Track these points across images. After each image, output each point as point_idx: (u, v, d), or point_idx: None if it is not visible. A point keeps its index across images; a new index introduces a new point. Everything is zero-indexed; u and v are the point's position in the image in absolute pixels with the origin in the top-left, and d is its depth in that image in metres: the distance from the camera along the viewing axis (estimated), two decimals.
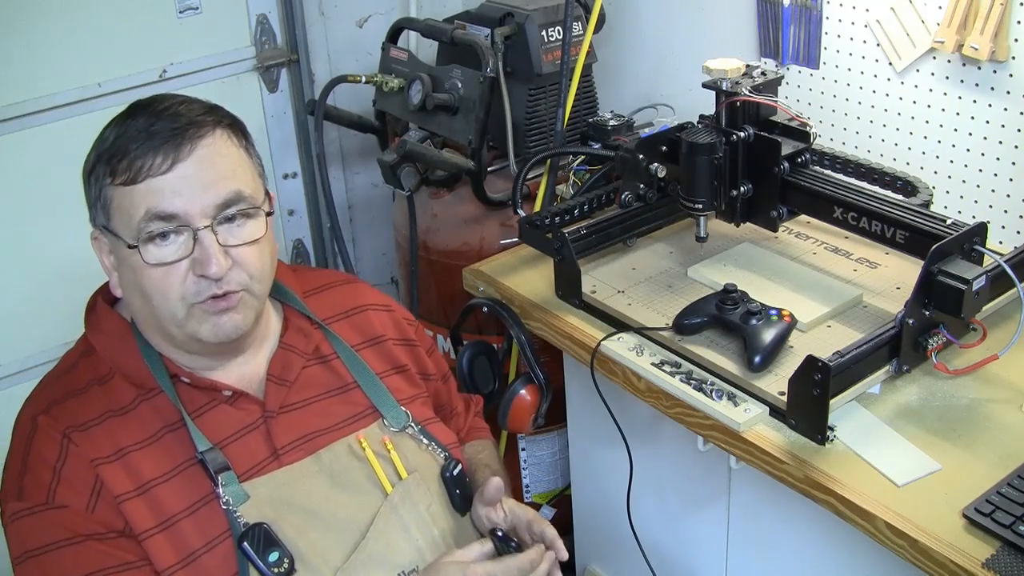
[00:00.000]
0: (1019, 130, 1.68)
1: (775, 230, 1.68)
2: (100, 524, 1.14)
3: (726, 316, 1.46)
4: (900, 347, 1.37)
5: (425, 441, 1.35)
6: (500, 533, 1.24)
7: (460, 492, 1.34)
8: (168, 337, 1.22)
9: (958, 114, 1.76)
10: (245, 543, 1.16)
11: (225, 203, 1.17)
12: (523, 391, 1.78)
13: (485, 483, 1.31)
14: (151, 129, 1.15)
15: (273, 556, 1.17)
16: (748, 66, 1.65)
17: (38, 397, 1.24)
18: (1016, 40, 1.64)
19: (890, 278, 1.62)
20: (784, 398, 1.34)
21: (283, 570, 1.17)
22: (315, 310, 1.37)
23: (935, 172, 1.82)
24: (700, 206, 1.63)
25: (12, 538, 1.16)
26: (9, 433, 1.23)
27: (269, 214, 1.24)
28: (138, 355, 1.23)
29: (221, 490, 1.18)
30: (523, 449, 2.22)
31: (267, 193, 1.26)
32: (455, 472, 1.34)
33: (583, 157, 2.02)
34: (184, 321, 1.18)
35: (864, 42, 1.87)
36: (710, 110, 1.66)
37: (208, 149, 1.17)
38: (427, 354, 1.49)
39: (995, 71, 1.68)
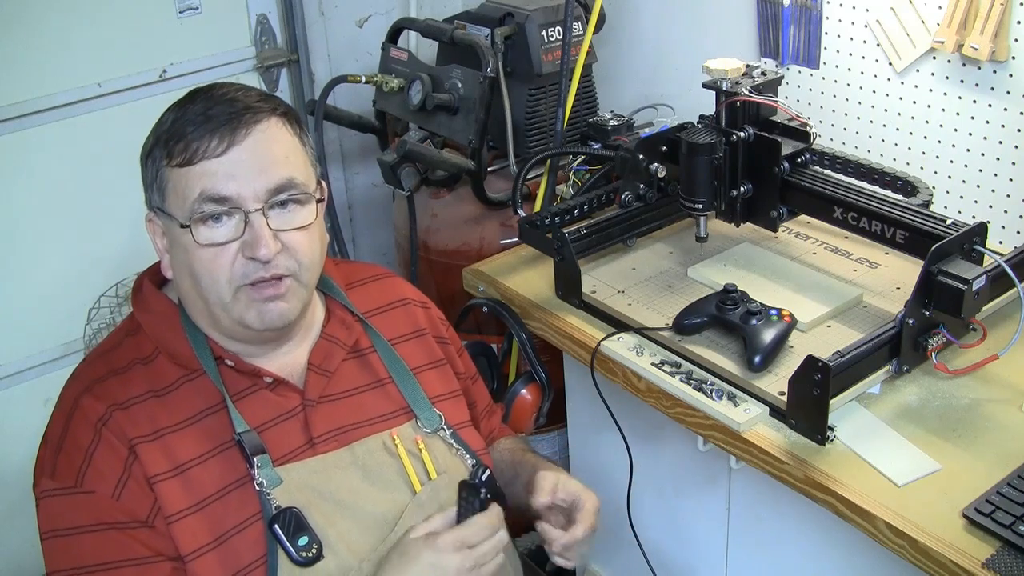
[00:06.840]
0: (1019, 130, 1.68)
1: (775, 230, 1.68)
2: (123, 513, 1.16)
3: (726, 316, 1.46)
4: (900, 347, 1.37)
5: (455, 446, 1.36)
6: (475, 481, 1.22)
7: (490, 497, 1.33)
8: (215, 322, 1.24)
9: (958, 114, 1.76)
10: (276, 525, 1.18)
11: (277, 188, 1.19)
12: (524, 391, 1.78)
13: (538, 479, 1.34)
14: (208, 113, 1.18)
15: (303, 540, 1.18)
16: (748, 66, 1.65)
17: (82, 375, 1.26)
18: (1016, 40, 1.64)
19: (890, 278, 1.62)
20: (784, 398, 1.34)
21: (311, 555, 1.18)
22: (356, 303, 1.39)
23: (935, 172, 1.82)
24: (700, 206, 1.63)
25: (42, 514, 1.19)
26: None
27: (320, 201, 1.25)
28: (183, 335, 1.25)
29: (256, 472, 1.20)
30: None
31: (319, 182, 1.28)
32: (483, 479, 1.32)
33: (583, 157, 2.02)
34: (231, 305, 1.20)
35: (864, 42, 1.87)
36: (710, 110, 1.66)
37: (263, 135, 1.19)
38: (457, 354, 1.50)
39: (995, 71, 1.68)
